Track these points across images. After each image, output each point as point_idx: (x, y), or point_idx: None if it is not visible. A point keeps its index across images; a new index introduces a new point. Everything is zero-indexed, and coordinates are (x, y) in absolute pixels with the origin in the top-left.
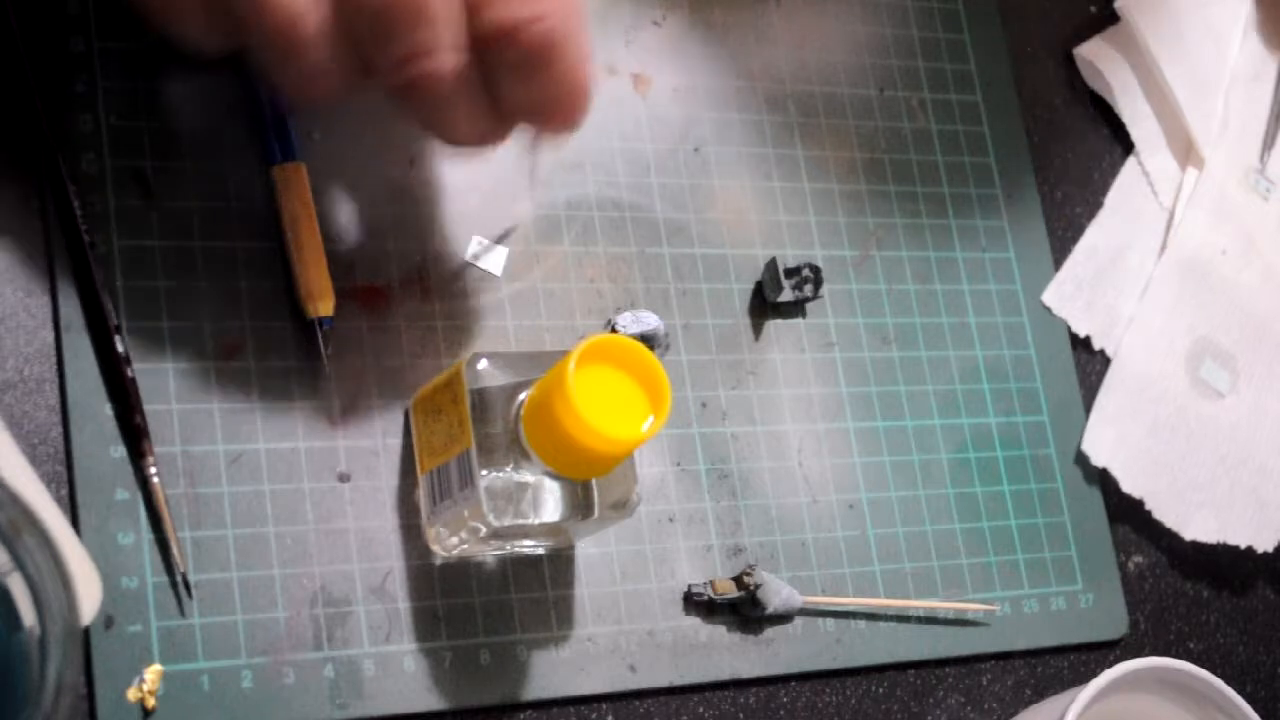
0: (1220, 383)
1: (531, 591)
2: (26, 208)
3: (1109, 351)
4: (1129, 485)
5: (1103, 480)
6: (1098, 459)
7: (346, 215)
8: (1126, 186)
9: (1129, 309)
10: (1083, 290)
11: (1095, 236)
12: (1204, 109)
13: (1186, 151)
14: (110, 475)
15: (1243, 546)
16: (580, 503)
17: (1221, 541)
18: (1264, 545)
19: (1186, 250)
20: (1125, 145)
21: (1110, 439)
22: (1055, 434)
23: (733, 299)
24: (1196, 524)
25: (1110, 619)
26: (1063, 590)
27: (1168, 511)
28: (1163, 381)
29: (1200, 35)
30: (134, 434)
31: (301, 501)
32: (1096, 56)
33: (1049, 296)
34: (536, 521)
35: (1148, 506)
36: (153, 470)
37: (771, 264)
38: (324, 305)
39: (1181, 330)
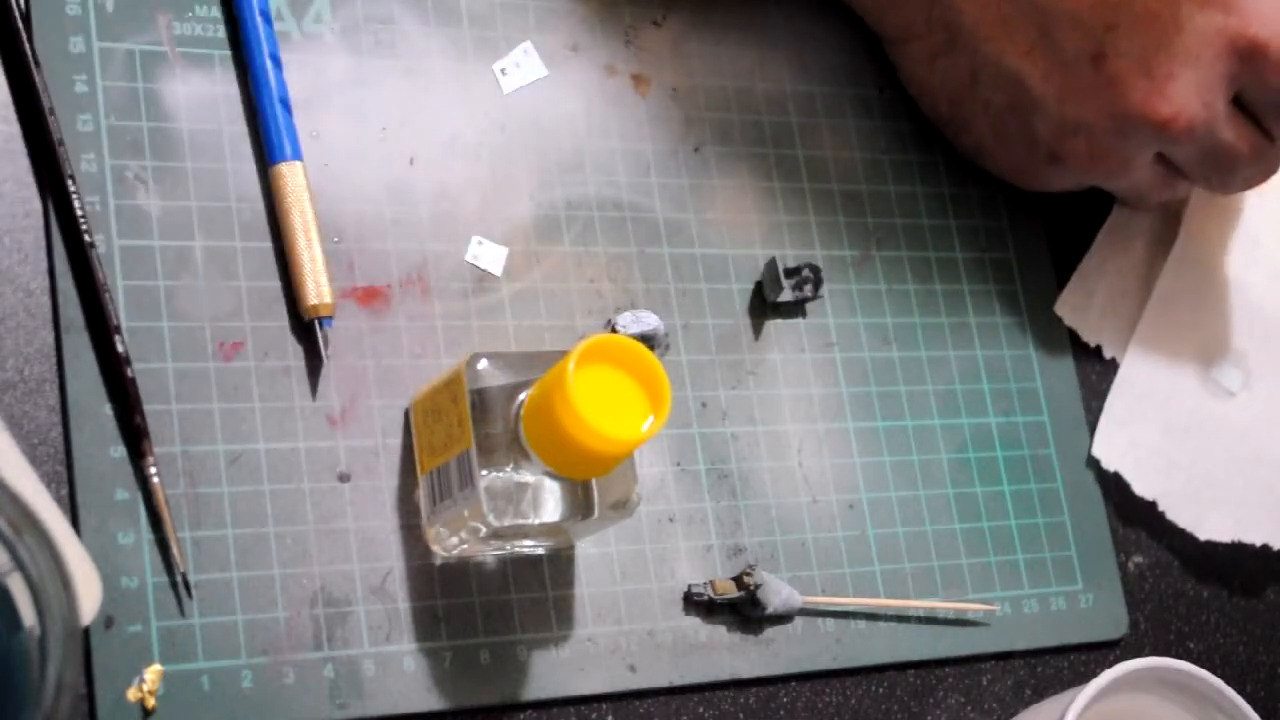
0: (1232, 382)
1: (531, 591)
2: (27, 207)
3: (1119, 359)
4: (1141, 488)
5: (1104, 481)
6: (1109, 463)
7: (346, 215)
8: None
9: (1137, 313)
10: (1093, 300)
11: (1103, 243)
12: None
13: None
14: (110, 475)
15: (1258, 545)
16: (580, 503)
17: (1237, 540)
18: None
19: (1193, 251)
20: None
21: (1122, 442)
22: (1055, 434)
23: (733, 299)
24: (1211, 524)
25: (1110, 619)
26: (1063, 590)
27: (1181, 512)
28: (1173, 383)
29: None
30: (134, 434)
31: (301, 501)
32: None
33: (1060, 308)
34: (536, 521)
35: (1161, 508)
36: (153, 470)
37: (771, 264)
38: (324, 305)
39: (1190, 331)
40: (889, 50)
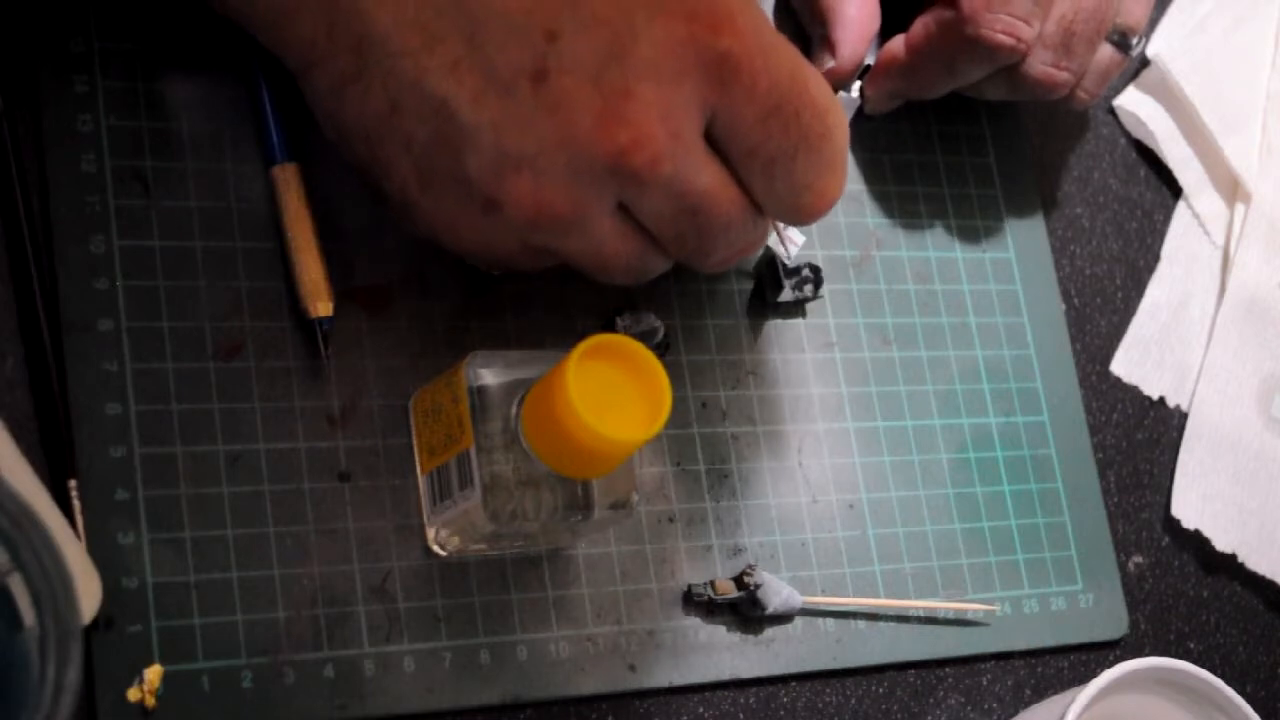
0: None
1: (531, 591)
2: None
3: (1183, 408)
4: (1222, 543)
5: (1183, 537)
6: (1188, 521)
7: (346, 215)
8: (1180, 233)
9: (1197, 360)
10: (1150, 352)
11: (1156, 292)
12: (1241, 140)
13: (1233, 188)
14: (110, 475)
15: None
16: (580, 503)
17: None
18: None
19: (1244, 289)
20: (1174, 190)
21: (1197, 498)
22: (1055, 434)
23: (733, 299)
24: None
25: (1110, 619)
26: (1063, 590)
27: (1260, 561)
28: (1237, 427)
29: (1229, 63)
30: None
31: (301, 501)
32: (1136, 105)
33: (1117, 365)
34: (536, 522)
35: (1240, 559)
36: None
37: (771, 264)
38: (324, 305)
39: (1249, 371)
40: (301, 86)
